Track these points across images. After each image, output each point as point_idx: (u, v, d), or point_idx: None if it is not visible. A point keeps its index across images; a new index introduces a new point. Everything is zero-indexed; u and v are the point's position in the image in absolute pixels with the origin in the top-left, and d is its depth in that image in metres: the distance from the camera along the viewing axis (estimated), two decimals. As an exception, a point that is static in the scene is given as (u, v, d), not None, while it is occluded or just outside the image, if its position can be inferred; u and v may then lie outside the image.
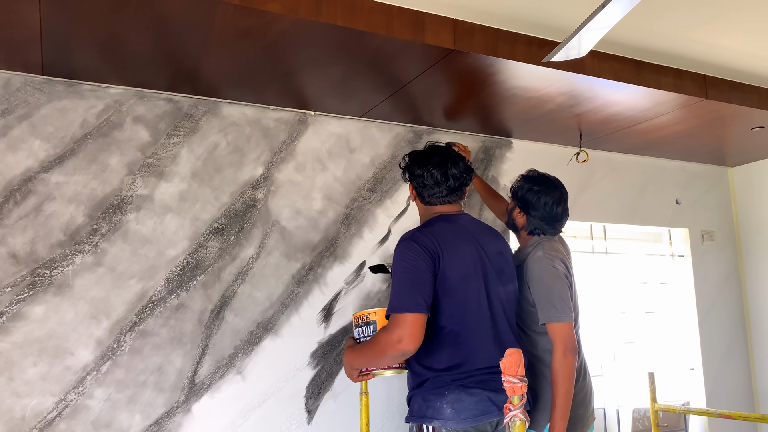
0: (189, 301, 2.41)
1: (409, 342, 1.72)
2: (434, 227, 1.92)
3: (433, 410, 1.80)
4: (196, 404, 2.36)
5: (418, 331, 1.74)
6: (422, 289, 1.78)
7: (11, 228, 2.17)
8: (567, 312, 2.06)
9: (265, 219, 2.59)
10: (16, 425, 2.08)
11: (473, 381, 1.82)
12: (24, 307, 2.15)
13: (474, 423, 1.78)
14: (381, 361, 1.87)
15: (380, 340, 1.80)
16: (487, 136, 3.14)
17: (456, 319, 1.85)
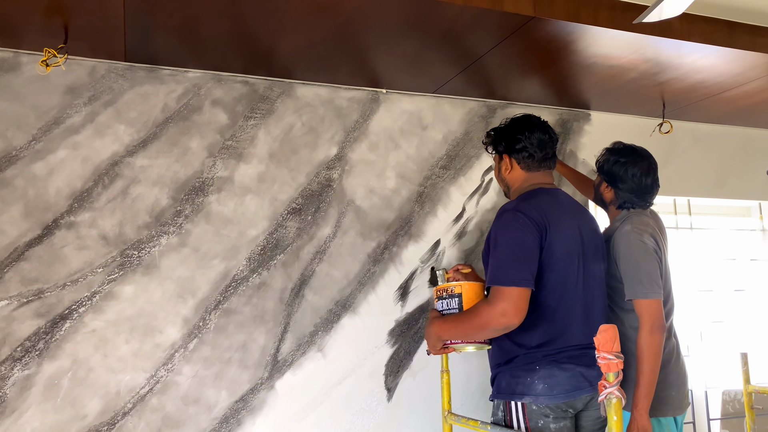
0: (270, 280, 2.44)
1: (513, 316, 1.68)
2: (537, 199, 1.87)
3: (524, 386, 1.76)
4: (279, 381, 2.40)
5: (524, 305, 1.69)
6: (529, 262, 1.74)
7: (101, 211, 2.26)
8: (655, 288, 1.98)
9: (340, 199, 2.60)
10: (111, 400, 2.18)
11: (565, 356, 1.78)
12: (115, 287, 2.24)
13: (567, 398, 1.74)
14: (479, 334, 1.80)
15: (481, 312, 1.74)
16: (564, 109, 3.03)
17: (556, 294, 1.80)
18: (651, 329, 1.94)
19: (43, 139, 2.22)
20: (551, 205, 1.86)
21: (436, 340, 1.92)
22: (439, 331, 1.90)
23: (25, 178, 2.18)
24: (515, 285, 1.70)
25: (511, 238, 1.78)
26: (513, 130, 1.99)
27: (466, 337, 1.86)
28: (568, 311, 1.81)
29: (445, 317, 1.90)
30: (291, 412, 2.39)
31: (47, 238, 2.18)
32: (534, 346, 1.79)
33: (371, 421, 2.50)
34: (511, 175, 2.00)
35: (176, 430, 2.22)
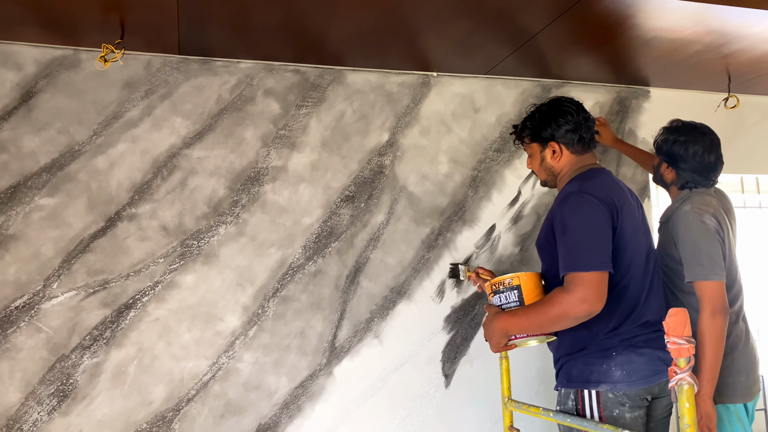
0: (325, 268, 2.45)
1: (595, 302, 1.59)
2: (597, 179, 1.80)
3: (599, 374, 1.70)
4: (338, 367, 2.41)
5: (605, 289, 1.61)
6: (605, 245, 1.66)
7: (161, 202, 2.31)
8: (716, 270, 1.90)
9: (392, 185, 2.58)
10: (176, 387, 2.23)
11: (641, 340, 1.72)
12: (176, 276, 2.29)
13: (646, 384, 1.68)
14: (557, 324, 1.68)
15: (559, 301, 1.64)
16: (621, 86, 2.93)
17: (628, 275, 1.75)
18: (712, 312, 1.87)
19: (104, 134, 2.28)
20: (612, 184, 1.81)
21: (501, 336, 1.82)
22: (507, 326, 1.79)
23: (88, 172, 2.24)
24: (594, 269, 1.61)
25: (583, 221, 1.69)
26: (555, 114, 1.89)
27: (541, 329, 1.75)
28: (638, 290, 1.76)
29: (513, 311, 1.80)
30: (349, 398, 2.41)
31: (110, 230, 2.24)
32: (610, 328, 1.72)
33: (429, 407, 2.49)
34: (560, 161, 1.90)
35: (238, 415, 2.27)
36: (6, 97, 2.21)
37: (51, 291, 2.15)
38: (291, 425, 2.32)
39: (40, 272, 2.15)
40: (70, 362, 2.13)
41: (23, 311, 2.11)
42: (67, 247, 2.19)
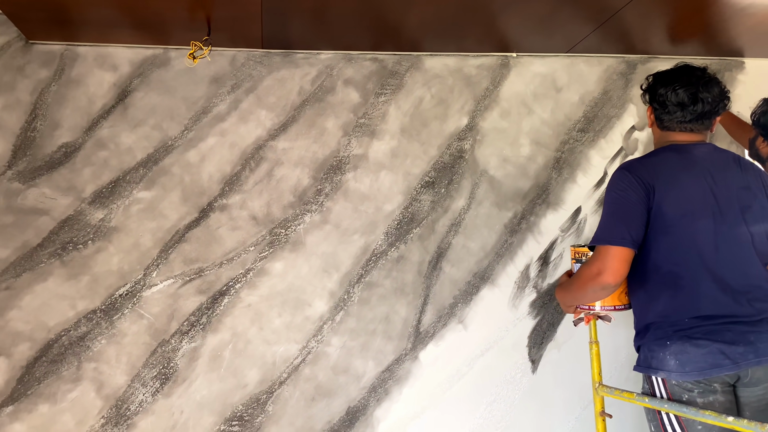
0: (408, 253, 2.47)
1: (609, 275, 1.64)
2: (657, 157, 1.76)
3: (657, 361, 1.68)
4: (423, 352, 2.43)
5: (620, 264, 1.64)
6: (629, 222, 1.67)
7: (249, 193, 2.38)
8: None
9: (473, 169, 2.56)
10: (268, 370, 2.31)
11: (699, 331, 1.63)
12: (266, 264, 2.36)
13: (701, 376, 1.61)
14: (583, 295, 1.77)
15: (582, 273, 1.74)
16: (713, 59, 2.78)
17: (675, 259, 1.68)
18: None
19: (194, 128, 2.38)
20: (670, 164, 1.73)
21: (562, 305, 1.96)
22: (558, 296, 1.93)
23: (181, 166, 2.35)
24: (610, 244, 1.66)
25: (615, 197, 1.73)
26: (658, 81, 1.84)
27: (574, 300, 1.85)
28: (698, 279, 1.66)
29: (562, 281, 1.93)
30: (436, 382, 2.42)
31: (203, 220, 2.34)
32: (660, 313, 1.68)
33: (516, 392, 2.47)
34: (652, 129, 1.89)
35: (328, 398, 2.33)
36: (104, 97, 2.34)
37: (151, 279, 2.27)
38: (379, 408, 2.36)
39: (141, 262, 2.27)
40: (170, 347, 2.25)
41: (126, 299, 2.24)
42: (164, 238, 2.30)
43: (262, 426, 2.26)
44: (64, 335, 2.19)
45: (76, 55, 2.34)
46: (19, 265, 2.19)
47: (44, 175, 2.26)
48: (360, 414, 2.34)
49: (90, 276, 2.23)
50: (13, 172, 2.23)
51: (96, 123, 2.32)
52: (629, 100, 2.68)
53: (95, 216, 2.26)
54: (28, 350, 2.15)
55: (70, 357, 2.18)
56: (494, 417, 2.44)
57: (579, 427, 2.49)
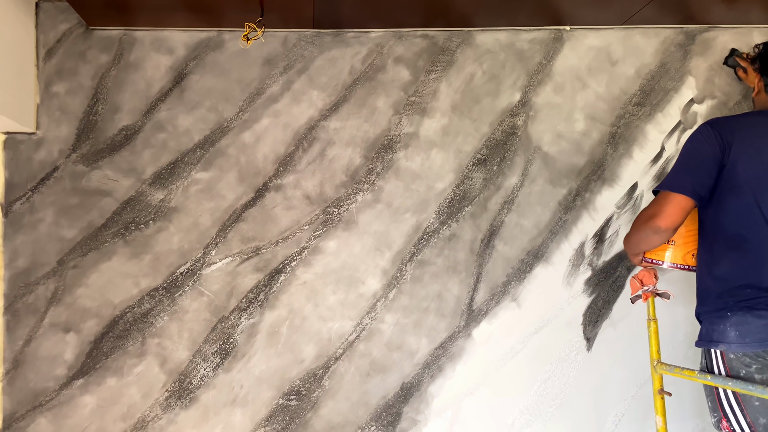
0: (459, 232, 2.47)
1: (661, 219, 1.67)
2: (746, 118, 1.74)
3: (718, 333, 1.66)
4: (476, 329, 2.44)
5: (674, 210, 1.66)
6: (695, 172, 1.68)
7: (303, 173, 2.41)
8: None
9: (526, 146, 2.53)
10: (324, 346, 2.36)
11: (762, 302, 1.61)
12: (320, 242, 2.40)
13: (761, 347, 1.59)
14: (638, 238, 1.81)
15: (639, 216, 1.80)
16: (778, 26, 2.66)
17: (743, 221, 1.65)
18: None
19: (249, 110, 2.41)
20: (757, 126, 1.70)
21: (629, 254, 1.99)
22: (624, 240, 1.97)
23: (237, 147, 2.39)
24: (669, 190, 1.70)
25: (688, 147, 1.76)
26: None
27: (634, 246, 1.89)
28: (761, 245, 1.63)
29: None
30: (489, 359, 2.43)
31: (259, 200, 2.38)
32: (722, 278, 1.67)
33: (571, 370, 2.46)
34: (757, 97, 1.89)
35: (383, 374, 2.36)
36: (161, 80, 2.39)
37: (210, 258, 2.33)
38: (433, 384, 2.38)
39: (200, 241, 2.33)
40: (229, 323, 2.31)
41: (187, 277, 2.31)
42: (222, 217, 2.35)
43: (319, 400, 2.31)
44: (129, 312, 2.27)
45: (134, 40, 2.40)
46: (85, 245, 2.27)
47: (106, 157, 2.33)
48: (414, 390, 2.37)
49: (152, 255, 2.30)
50: (77, 155, 2.32)
51: (154, 106, 2.38)
52: (688, 73, 2.59)
53: (156, 197, 2.33)
54: (95, 326, 2.25)
55: (134, 333, 2.26)
56: (548, 395, 2.44)
57: (635, 405, 2.47)
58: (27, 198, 2.26)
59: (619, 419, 2.47)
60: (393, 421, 2.35)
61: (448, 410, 2.38)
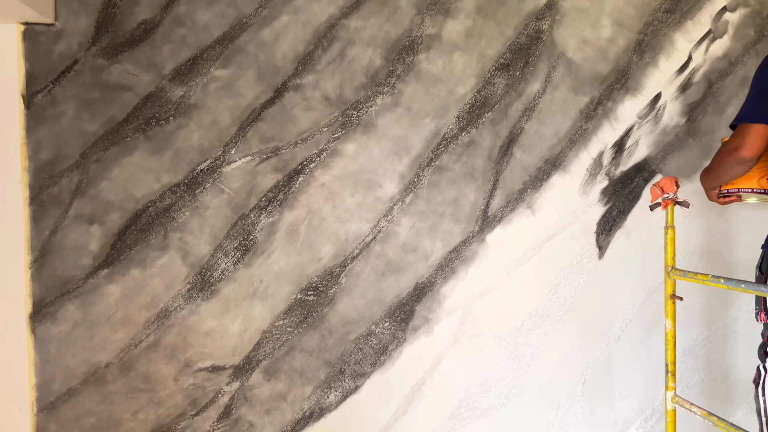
0: (478, 138, 2.46)
1: (745, 150, 1.75)
2: None
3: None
4: (490, 235, 2.47)
5: (757, 140, 1.74)
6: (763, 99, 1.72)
7: (322, 73, 2.39)
8: None
9: (550, 52, 2.48)
10: (341, 246, 2.41)
11: None
12: (339, 145, 2.40)
13: None
14: (722, 171, 1.89)
15: (720, 150, 1.88)
16: (824, -70, 2.53)
17: None
18: None
19: (268, 6, 2.36)
20: None
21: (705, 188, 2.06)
22: (701, 178, 2.04)
23: (256, 44, 2.36)
24: (750, 121, 1.77)
25: (759, 78, 1.83)
26: None
27: (715, 179, 1.94)
28: None
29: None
30: (501, 264, 2.48)
31: (278, 99, 2.37)
32: None
33: (582, 276, 2.51)
34: None
35: (397, 274, 2.42)
36: (179, -27, 2.33)
37: (230, 156, 2.35)
38: (446, 285, 2.45)
39: (220, 139, 2.34)
40: (249, 220, 2.36)
41: (207, 174, 2.34)
42: (241, 116, 2.35)
43: (335, 296, 2.39)
44: (151, 206, 2.32)
45: (151, -71, 2.33)
46: (107, 139, 2.30)
47: (126, 51, 2.31)
48: (427, 290, 2.44)
49: (173, 151, 2.32)
50: (96, 48, 2.30)
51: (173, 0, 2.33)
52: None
53: (176, 93, 2.32)
54: (119, 219, 2.30)
55: (157, 227, 2.32)
56: (558, 299, 2.50)
57: (643, 312, 2.53)
58: (48, 90, 2.27)
59: (626, 325, 2.54)
60: (406, 318, 2.43)
61: (460, 310, 2.46)
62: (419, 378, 2.45)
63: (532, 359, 2.49)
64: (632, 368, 2.54)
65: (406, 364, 2.44)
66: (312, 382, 2.39)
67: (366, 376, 2.42)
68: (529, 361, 2.49)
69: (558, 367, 2.51)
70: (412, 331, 2.45)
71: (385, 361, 2.43)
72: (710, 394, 2.60)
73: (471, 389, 2.47)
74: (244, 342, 2.35)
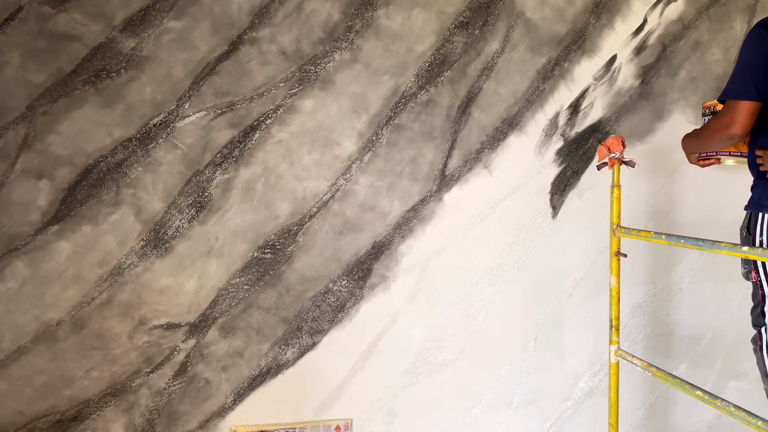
0: (437, 97, 2.46)
1: (736, 128, 1.82)
2: None
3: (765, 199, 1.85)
4: (447, 194, 2.50)
5: (746, 118, 1.80)
6: (757, 75, 1.78)
7: (279, 26, 2.34)
8: None
9: (509, 11, 2.48)
10: (299, 204, 2.40)
11: None
12: (296, 101, 2.37)
13: None
14: (710, 144, 2.02)
15: (710, 124, 1.95)
16: None
17: None
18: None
19: (223, -44, 2.29)
20: None
21: (686, 153, 2.20)
22: (684, 144, 2.17)
23: (210, -5, 2.29)
24: (738, 98, 1.82)
25: (745, 54, 1.87)
26: None
27: (702, 148, 2.09)
28: None
29: (690, 131, 2.16)
30: (458, 223, 2.51)
31: (234, 53, 2.32)
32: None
33: (535, 235, 2.56)
34: None
35: (355, 233, 2.43)
36: None
37: (183, 111, 2.30)
38: (403, 244, 2.47)
39: (173, 93, 2.29)
40: (204, 177, 2.32)
41: (160, 129, 2.28)
42: (195, 70, 2.30)
43: (293, 254, 2.38)
44: (102, 161, 2.26)
45: None
46: (54, 91, 2.21)
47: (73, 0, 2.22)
48: (385, 248, 2.46)
49: (124, 105, 2.26)
50: (41, -5, 2.20)
51: (122, -54, 2.24)
52: (680, -58, 2.52)
53: (127, 44, 2.25)
54: (68, 174, 2.24)
55: (108, 182, 2.26)
56: (512, 258, 2.55)
57: (593, 270, 2.61)
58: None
59: (577, 283, 2.61)
60: (364, 276, 2.45)
61: (416, 268, 2.49)
62: (376, 334, 2.48)
63: (486, 316, 2.55)
64: (582, 324, 2.62)
65: (364, 320, 2.47)
66: (269, 339, 2.40)
67: (323, 333, 2.44)
68: (483, 318, 2.55)
69: (511, 323, 2.57)
70: (370, 289, 2.47)
71: (343, 318, 2.45)
72: (655, 349, 2.70)
73: (426, 345, 2.52)
74: (199, 299, 2.34)
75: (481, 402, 2.58)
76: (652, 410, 2.72)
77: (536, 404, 2.62)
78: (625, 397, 2.41)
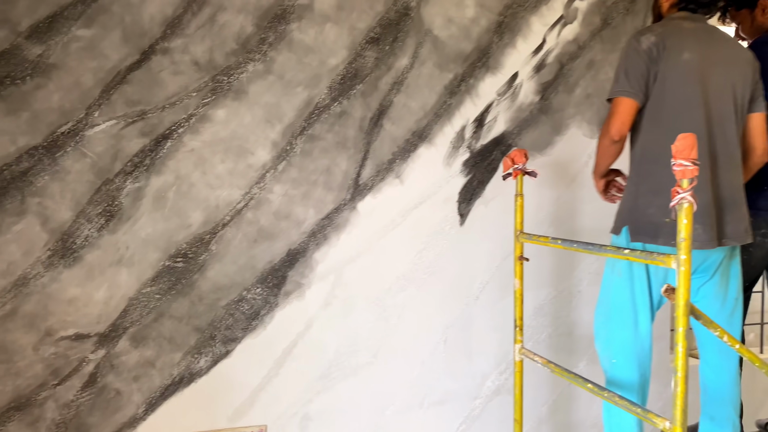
0: (350, 109, 2.55)
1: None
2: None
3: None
4: (361, 203, 2.58)
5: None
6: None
7: (192, 37, 2.36)
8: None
9: (418, 28, 2.60)
10: (212, 213, 2.42)
11: None
12: (209, 110, 2.40)
13: None
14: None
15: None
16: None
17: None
18: None
19: (134, -35, 2.29)
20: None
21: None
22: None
23: (121, 5, 2.29)
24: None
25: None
26: None
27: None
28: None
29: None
30: (372, 230, 2.60)
31: (145, 62, 2.32)
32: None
33: (445, 242, 2.68)
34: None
35: (270, 241, 2.47)
36: (35, -77, 2.21)
37: (93, 119, 2.28)
38: (318, 251, 2.53)
39: (82, 101, 2.26)
40: (114, 186, 2.31)
41: (69, 137, 2.26)
42: (106, 78, 2.28)
43: (206, 263, 2.40)
44: (6, 170, 2.21)
45: None
46: (-47, 97, 2.15)
47: (-26, 4, 2.17)
48: (300, 256, 2.51)
49: (30, 112, 2.22)
50: (-60, -1, 2.14)
51: (27, -48, 2.21)
52: (574, -31, 2.72)
53: (33, 51, 2.21)
54: (-31, 183, 2.17)
55: (13, 191, 2.21)
56: (423, 263, 2.66)
57: (499, 274, 2.75)
58: None
59: (483, 286, 2.75)
60: (278, 283, 2.49)
61: (331, 275, 2.55)
62: (290, 341, 2.52)
63: (399, 320, 2.65)
64: (489, 326, 2.76)
65: (278, 328, 2.50)
66: (182, 348, 2.40)
67: (237, 341, 2.46)
68: (395, 322, 2.64)
69: (422, 326, 2.68)
70: (285, 296, 2.51)
71: (257, 325, 2.48)
72: (557, 348, 2.88)
73: (341, 350, 2.59)
74: (109, 309, 2.31)
75: (394, 403, 2.66)
76: (555, 406, 2.89)
77: (446, 404, 2.73)
78: (529, 394, 2.55)
